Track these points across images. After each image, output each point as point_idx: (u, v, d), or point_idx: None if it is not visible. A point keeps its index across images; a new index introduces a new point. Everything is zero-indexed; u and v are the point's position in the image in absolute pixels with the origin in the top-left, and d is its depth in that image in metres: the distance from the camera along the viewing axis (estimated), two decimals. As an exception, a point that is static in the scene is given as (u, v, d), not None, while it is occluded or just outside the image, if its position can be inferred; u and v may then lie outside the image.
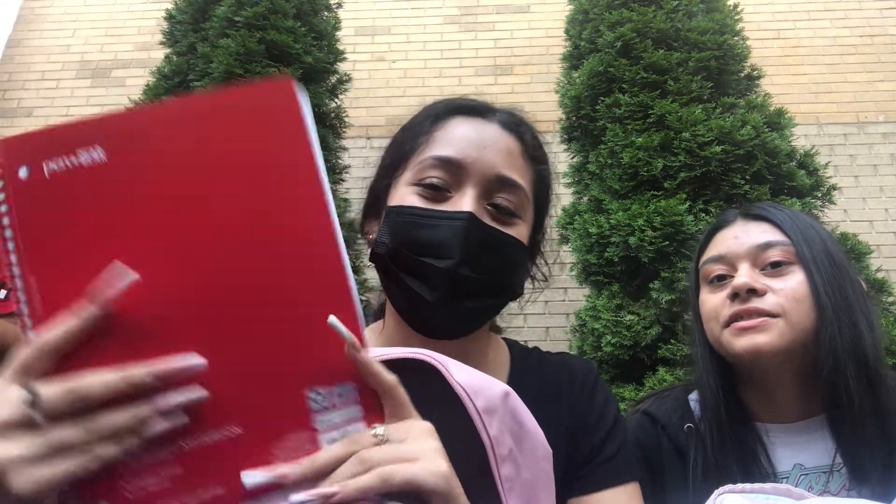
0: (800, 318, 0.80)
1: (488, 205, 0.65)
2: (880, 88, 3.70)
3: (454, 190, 0.64)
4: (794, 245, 0.84)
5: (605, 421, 0.71)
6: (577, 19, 2.86)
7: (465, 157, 0.64)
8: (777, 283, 0.82)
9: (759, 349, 0.80)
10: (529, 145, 0.70)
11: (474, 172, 0.64)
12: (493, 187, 0.65)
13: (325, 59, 2.70)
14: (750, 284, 0.82)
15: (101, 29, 4.17)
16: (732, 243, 0.88)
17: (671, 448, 0.88)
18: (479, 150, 0.65)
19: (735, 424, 0.84)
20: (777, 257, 0.84)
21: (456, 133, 0.66)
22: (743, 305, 0.82)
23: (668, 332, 2.02)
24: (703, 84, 2.37)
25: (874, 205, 3.41)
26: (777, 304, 0.81)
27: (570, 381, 0.73)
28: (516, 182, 0.65)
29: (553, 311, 3.22)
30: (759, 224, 0.88)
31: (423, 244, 0.62)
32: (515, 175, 0.66)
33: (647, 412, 0.93)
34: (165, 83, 2.57)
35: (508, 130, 0.68)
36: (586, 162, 2.52)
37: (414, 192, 0.65)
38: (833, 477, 0.81)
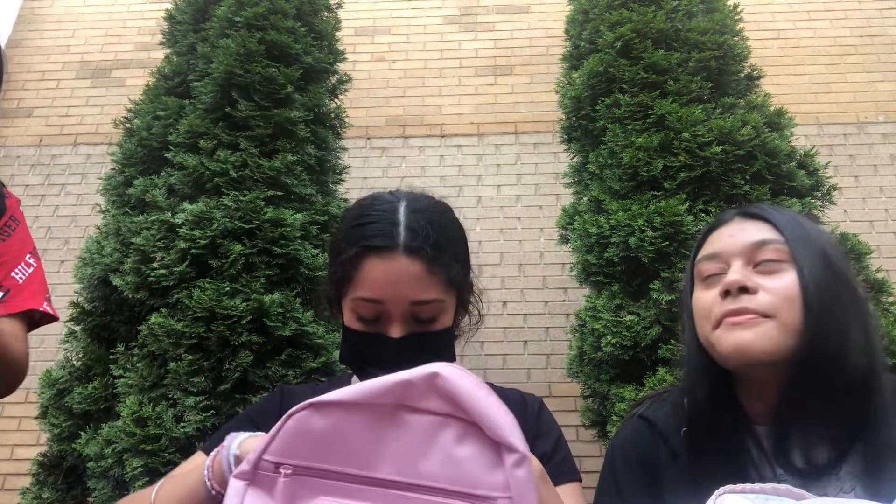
0: (791, 319, 0.78)
1: (413, 318, 0.83)
2: (880, 88, 3.70)
3: (383, 317, 0.83)
4: (789, 244, 0.82)
5: (551, 436, 0.91)
6: (577, 19, 2.86)
7: (383, 297, 0.81)
8: (769, 282, 0.80)
9: (745, 347, 0.78)
10: (432, 259, 0.82)
11: (394, 306, 0.82)
12: (410, 309, 0.82)
13: (325, 59, 2.70)
14: (741, 282, 0.80)
15: (101, 29, 4.17)
16: (727, 241, 0.86)
17: (668, 452, 0.87)
18: (393, 287, 0.81)
19: (727, 426, 0.83)
20: (770, 255, 0.82)
21: (371, 276, 0.82)
22: (734, 304, 0.80)
23: (668, 332, 2.02)
24: (703, 84, 2.37)
25: (874, 205, 3.41)
26: (769, 303, 0.79)
27: (523, 406, 0.93)
28: (427, 299, 0.82)
29: (553, 311, 3.22)
30: (756, 223, 0.86)
31: (370, 357, 0.84)
32: (425, 295, 0.82)
33: (644, 416, 0.92)
34: (165, 83, 2.57)
35: (411, 255, 0.82)
36: (586, 162, 2.52)
37: (354, 319, 0.85)
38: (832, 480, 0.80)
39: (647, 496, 0.85)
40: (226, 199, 2.14)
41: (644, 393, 1.91)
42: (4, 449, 3.01)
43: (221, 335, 1.95)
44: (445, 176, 3.58)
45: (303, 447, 0.56)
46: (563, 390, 2.88)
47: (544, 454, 0.86)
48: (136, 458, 1.82)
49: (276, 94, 2.39)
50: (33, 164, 3.71)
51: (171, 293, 2.04)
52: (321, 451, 0.56)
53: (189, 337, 1.94)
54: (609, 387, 2.10)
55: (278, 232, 2.11)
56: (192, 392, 1.92)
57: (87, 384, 2.06)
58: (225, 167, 2.20)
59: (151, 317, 2.01)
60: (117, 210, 2.32)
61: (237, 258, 2.05)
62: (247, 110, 2.33)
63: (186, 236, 2.05)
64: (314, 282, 2.15)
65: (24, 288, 1.10)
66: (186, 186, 2.23)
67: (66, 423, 2.04)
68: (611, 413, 2.04)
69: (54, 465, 2.09)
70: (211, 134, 2.30)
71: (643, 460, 0.88)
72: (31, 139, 3.78)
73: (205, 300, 1.95)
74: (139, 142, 2.43)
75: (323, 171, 2.55)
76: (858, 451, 0.77)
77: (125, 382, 1.97)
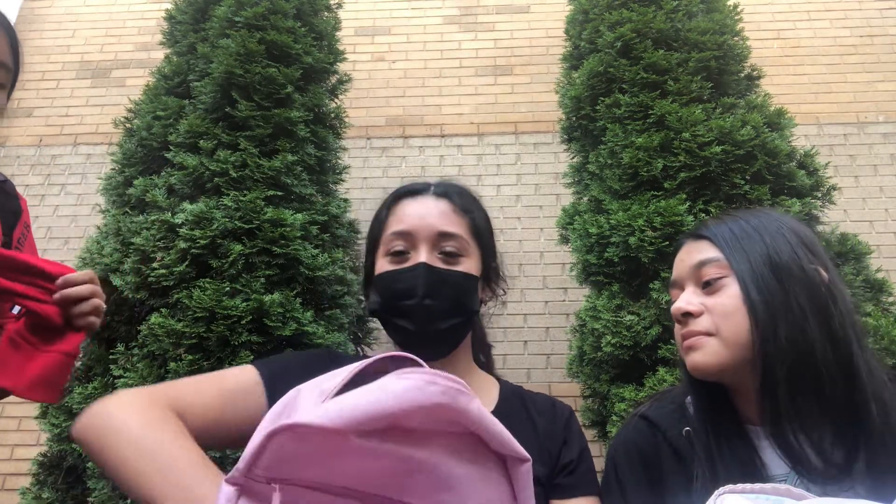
0: (732, 333, 0.81)
1: (439, 254, 0.90)
2: (880, 88, 3.70)
3: (412, 251, 0.90)
4: (727, 258, 0.84)
5: (580, 445, 0.93)
6: (577, 19, 2.86)
7: (413, 227, 0.90)
8: (712, 301, 0.84)
9: (696, 366, 0.83)
10: (458, 203, 0.94)
11: (421, 235, 0.90)
12: (437, 241, 0.90)
13: (325, 59, 2.70)
14: (682, 308, 0.85)
15: (101, 29, 4.17)
16: (679, 267, 0.91)
17: (670, 452, 0.87)
18: (421, 219, 0.91)
19: (727, 429, 0.84)
20: (711, 275, 0.85)
21: (404, 212, 0.93)
22: (683, 329, 0.85)
23: (668, 332, 2.02)
24: (703, 84, 2.37)
25: (874, 205, 3.41)
26: (710, 322, 0.83)
27: (553, 413, 0.95)
28: (453, 233, 0.90)
29: (553, 311, 3.22)
30: (700, 243, 0.89)
31: (398, 293, 0.88)
32: (451, 228, 0.91)
33: (646, 416, 0.93)
34: (165, 83, 2.57)
35: (439, 197, 0.94)
36: (586, 162, 2.52)
37: (386, 261, 0.91)
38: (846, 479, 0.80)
39: (650, 496, 0.86)
40: (226, 199, 2.14)
41: (644, 393, 1.92)
42: (4, 449, 3.01)
43: (221, 335, 1.95)
44: (445, 176, 3.56)
45: (289, 467, 0.50)
46: (563, 390, 2.88)
47: (570, 462, 0.89)
48: (136, 458, 1.81)
49: (276, 94, 2.39)
50: (33, 164, 3.71)
51: (171, 293, 2.04)
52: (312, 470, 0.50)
53: (189, 337, 1.94)
54: (609, 387, 2.10)
55: (278, 232, 2.11)
56: (192, 392, 1.91)
57: (87, 384, 2.06)
58: (225, 167, 2.20)
59: (151, 317, 2.01)
60: (117, 210, 2.32)
61: (237, 258, 2.05)
62: (247, 110, 2.33)
63: (186, 236, 2.05)
64: (314, 282, 2.15)
65: None
66: (186, 186, 2.23)
67: (66, 423, 2.04)
68: (611, 413, 2.04)
69: (54, 465, 2.09)
70: (211, 134, 2.30)
71: (645, 460, 0.88)
72: (31, 139, 3.78)
73: (205, 300, 1.95)
74: (139, 142, 2.43)
75: (323, 171, 2.55)
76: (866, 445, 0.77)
77: (125, 382, 1.97)
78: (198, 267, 2.07)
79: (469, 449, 0.53)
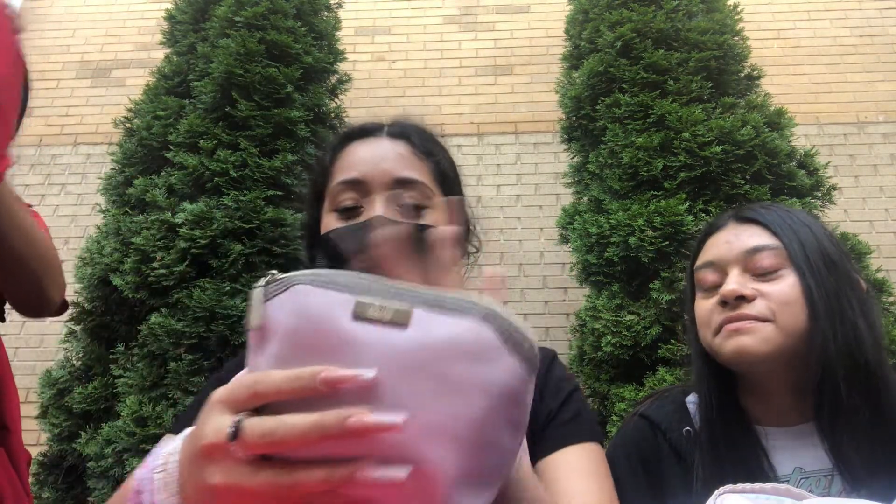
0: (790, 322, 0.79)
1: (398, 205, 0.73)
2: (880, 88, 3.70)
3: (365, 203, 0.74)
4: (786, 247, 0.82)
5: (561, 391, 0.77)
6: (577, 19, 2.86)
7: (364, 174, 0.74)
8: (767, 288, 0.81)
9: (745, 351, 0.79)
10: (418, 144, 0.78)
11: (375, 183, 0.73)
12: (394, 189, 0.74)
13: (325, 59, 2.70)
14: (738, 291, 0.81)
15: (101, 29, 4.17)
16: (723, 248, 0.87)
17: (670, 452, 0.87)
18: (374, 164, 0.74)
19: (734, 429, 0.83)
20: (767, 261, 0.82)
21: (352, 157, 0.77)
22: (732, 312, 0.81)
23: (668, 332, 2.02)
24: (703, 84, 2.37)
25: (874, 205, 3.41)
26: (767, 308, 0.80)
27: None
28: (413, 178, 0.74)
29: (553, 311, 3.22)
30: (750, 227, 0.87)
31: (351, 255, 0.70)
32: (410, 173, 0.74)
33: (646, 415, 0.92)
34: (165, 83, 2.57)
35: (395, 138, 0.78)
36: (586, 162, 2.52)
37: (334, 218, 0.75)
38: (834, 480, 0.80)
39: (648, 496, 0.85)
40: (226, 198, 2.14)
41: (644, 393, 1.91)
42: (4, 449, 3.00)
43: (221, 335, 1.95)
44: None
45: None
46: (563, 390, 2.87)
47: (549, 413, 0.74)
48: (136, 457, 1.82)
49: (276, 93, 2.39)
50: (33, 164, 3.71)
51: (171, 293, 2.04)
52: None
53: (189, 337, 1.94)
54: (609, 386, 2.10)
55: (278, 232, 2.11)
56: (192, 392, 1.92)
57: (87, 384, 2.06)
58: (225, 167, 2.20)
59: (151, 317, 2.01)
60: (117, 210, 2.32)
61: (237, 258, 2.05)
62: (247, 110, 2.33)
63: (186, 236, 2.05)
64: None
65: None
66: (186, 186, 2.23)
67: (66, 423, 2.04)
68: (611, 413, 2.04)
69: (54, 465, 2.09)
70: (211, 134, 2.30)
71: (645, 459, 0.88)
72: (31, 139, 3.78)
73: (205, 300, 1.95)
74: (139, 142, 2.43)
75: (323, 170, 2.55)
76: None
77: (125, 382, 1.97)
78: (198, 267, 2.07)
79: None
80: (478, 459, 0.38)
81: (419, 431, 0.36)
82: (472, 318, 0.38)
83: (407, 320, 0.38)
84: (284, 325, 0.40)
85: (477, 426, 0.37)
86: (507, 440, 0.40)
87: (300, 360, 0.37)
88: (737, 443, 0.82)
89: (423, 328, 0.38)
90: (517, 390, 0.39)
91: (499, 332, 0.38)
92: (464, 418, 0.37)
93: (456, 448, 0.37)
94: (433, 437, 0.37)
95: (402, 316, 0.38)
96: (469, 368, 0.37)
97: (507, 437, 0.40)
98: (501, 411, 0.39)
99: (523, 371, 0.39)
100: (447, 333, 0.38)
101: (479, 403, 0.37)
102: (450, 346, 0.37)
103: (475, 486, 0.39)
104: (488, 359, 0.38)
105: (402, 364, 0.37)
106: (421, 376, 0.37)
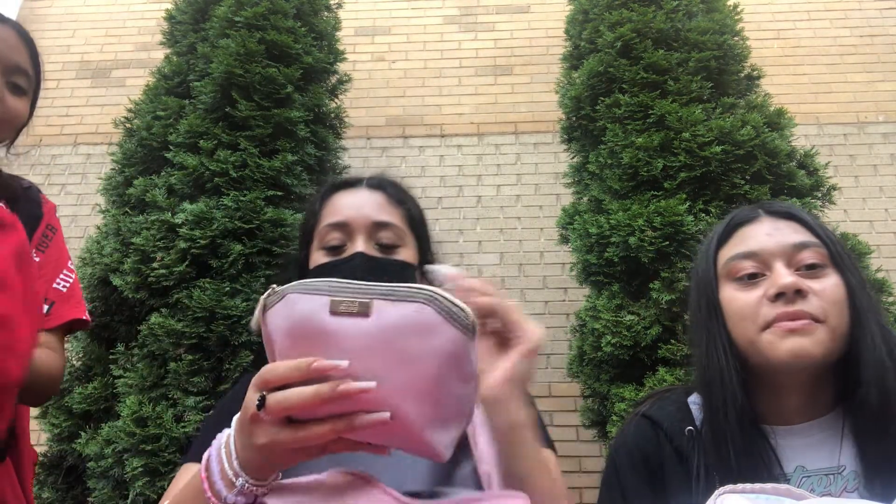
0: (839, 324, 0.79)
1: (376, 244, 0.87)
2: (880, 88, 3.70)
3: (349, 243, 0.87)
4: (827, 247, 0.82)
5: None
6: (577, 19, 2.86)
7: (348, 218, 0.87)
8: (815, 285, 0.80)
9: (804, 353, 0.77)
10: (392, 194, 0.92)
11: (357, 226, 0.87)
12: (373, 231, 0.87)
13: (325, 59, 2.70)
14: (798, 285, 0.79)
15: (101, 29, 4.17)
16: (765, 240, 0.84)
17: (672, 452, 0.87)
18: (357, 210, 0.88)
19: (744, 427, 0.83)
20: (813, 259, 0.81)
21: (338, 204, 0.91)
22: (790, 307, 0.79)
23: (668, 332, 2.02)
24: (703, 84, 2.37)
25: (874, 205, 3.41)
26: (820, 307, 0.79)
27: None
28: (388, 222, 0.88)
29: (553, 311, 3.22)
30: (789, 223, 0.86)
31: None
32: (386, 217, 0.89)
33: (647, 415, 0.92)
34: (165, 83, 2.57)
35: (374, 189, 0.93)
36: (586, 162, 2.52)
37: (322, 255, 0.88)
38: (835, 480, 0.80)
39: (651, 496, 0.85)
40: (226, 199, 2.14)
41: (644, 393, 1.91)
42: (4, 449, 3.00)
43: (221, 335, 1.95)
44: (445, 176, 3.58)
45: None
46: (563, 390, 2.88)
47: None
48: (136, 458, 1.82)
49: (276, 94, 2.39)
50: (33, 164, 3.71)
51: (171, 293, 2.04)
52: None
53: (189, 337, 1.94)
54: (609, 387, 2.10)
55: (278, 232, 2.11)
56: (192, 392, 1.92)
57: (87, 384, 2.06)
58: (225, 167, 2.20)
59: (151, 317, 2.01)
60: (117, 210, 2.32)
61: (237, 258, 2.05)
62: (247, 110, 2.33)
63: (186, 236, 2.05)
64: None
65: (69, 298, 1.10)
66: (186, 186, 2.23)
67: (66, 423, 2.04)
68: (611, 413, 2.04)
69: (54, 465, 2.09)
70: (211, 134, 2.30)
71: (647, 459, 0.88)
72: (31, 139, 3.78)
73: (205, 300, 1.95)
74: (139, 142, 2.42)
75: (323, 171, 2.55)
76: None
77: (125, 382, 1.97)
78: (198, 267, 2.07)
79: None
80: (440, 406, 0.52)
81: (391, 391, 0.49)
82: (418, 302, 0.50)
83: (369, 310, 0.50)
84: (281, 327, 0.53)
85: (433, 382, 0.50)
86: (460, 389, 0.53)
87: (297, 350, 0.51)
88: (747, 441, 0.82)
89: (381, 315, 0.50)
90: (461, 352, 0.51)
91: (439, 310, 0.50)
92: (422, 378, 0.50)
93: (420, 400, 0.50)
94: (403, 394, 0.50)
95: (364, 307, 0.50)
96: (420, 340, 0.50)
97: (459, 387, 0.53)
98: (452, 369, 0.51)
99: (464, 337, 0.51)
100: (399, 316, 0.50)
101: (433, 365, 0.50)
102: (403, 325, 0.50)
103: (442, 425, 0.53)
104: (434, 331, 0.50)
105: (370, 344, 0.50)
106: (385, 351, 0.49)
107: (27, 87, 1.07)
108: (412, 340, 0.49)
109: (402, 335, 0.49)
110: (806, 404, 0.84)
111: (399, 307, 0.50)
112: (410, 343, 0.49)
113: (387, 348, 0.49)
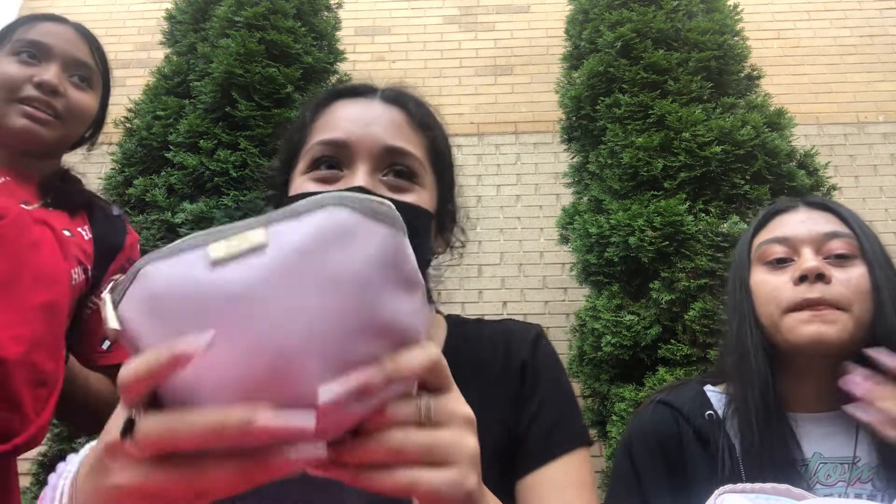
0: (862, 313, 0.81)
1: (383, 177, 0.64)
2: (880, 88, 3.70)
3: (346, 169, 0.64)
4: (858, 238, 0.84)
5: (545, 382, 0.68)
6: (577, 19, 2.86)
7: (350, 136, 0.63)
8: (841, 274, 0.83)
9: (824, 339, 0.80)
10: (415, 114, 0.68)
11: (361, 149, 0.63)
12: (383, 160, 0.64)
13: (325, 59, 2.70)
14: (820, 269, 0.82)
15: (101, 29, 4.12)
16: (798, 227, 0.87)
17: (692, 435, 0.86)
18: (364, 127, 0.64)
19: (769, 413, 0.84)
20: (841, 249, 0.84)
21: (338, 115, 0.66)
22: (812, 293, 0.81)
23: (668, 332, 2.02)
24: (703, 84, 2.37)
25: (874, 205, 3.41)
26: (843, 295, 0.81)
27: (508, 344, 0.71)
28: (405, 150, 0.64)
29: (553, 311, 3.22)
30: (824, 213, 0.89)
31: None
32: (403, 143, 0.65)
33: (665, 401, 0.91)
34: (165, 83, 2.57)
35: (390, 103, 0.68)
36: (586, 162, 2.52)
37: (307, 179, 0.64)
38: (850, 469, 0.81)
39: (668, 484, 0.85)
40: (226, 199, 2.15)
41: (644, 393, 1.92)
42: (4, 449, 3.01)
43: (221, 335, 1.95)
44: (445, 176, 3.58)
45: None
46: (563, 390, 2.88)
47: (532, 414, 0.66)
48: (136, 457, 1.82)
49: (276, 94, 2.40)
50: (33, 164, 3.71)
51: (171, 293, 2.04)
52: None
53: (189, 337, 1.94)
54: (609, 387, 2.10)
55: (278, 232, 2.11)
56: (192, 392, 1.91)
57: (87, 384, 2.06)
58: (225, 167, 2.20)
59: (151, 317, 2.01)
60: (117, 210, 2.32)
61: (237, 258, 2.05)
62: (247, 110, 2.33)
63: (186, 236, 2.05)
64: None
65: None
66: (186, 186, 2.23)
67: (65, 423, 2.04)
68: (611, 413, 2.04)
69: (54, 465, 2.09)
70: (211, 134, 2.30)
71: (664, 446, 0.87)
72: (31, 139, 3.78)
73: (205, 300, 1.95)
74: (139, 142, 2.43)
75: (323, 171, 2.55)
76: None
77: (125, 382, 1.97)
78: (198, 267, 2.07)
79: None
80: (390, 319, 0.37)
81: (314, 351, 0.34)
82: (327, 208, 0.36)
83: (265, 240, 0.35)
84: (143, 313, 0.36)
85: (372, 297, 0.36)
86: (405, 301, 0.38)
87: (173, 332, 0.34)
88: (771, 421, 0.83)
89: (283, 239, 0.35)
90: (393, 250, 0.38)
91: (354, 208, 0.37)
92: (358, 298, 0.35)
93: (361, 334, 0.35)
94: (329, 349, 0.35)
95: (257, 238, 0.35)
96: (342, 253, 0.36)
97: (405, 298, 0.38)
98: (390, 273, 0.37)
99: (392, 231, 0.38)
100: (308, 231, 0.36)
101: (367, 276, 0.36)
102: (315, 241, 0.36)
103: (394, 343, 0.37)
104: (355, 234, 0.37)
105: (276, 281, 0.34)
106: (300, 281, 0.35)
107: (91, 79, 1.09)
108: (332, 256, 0.35)
109: (316, 254, 0.35)
110: (825, 393, 0.85)
111: (305, 222, 0.36)
112: (331, 260, 0.35)
113: (300, 277, 0.35)
